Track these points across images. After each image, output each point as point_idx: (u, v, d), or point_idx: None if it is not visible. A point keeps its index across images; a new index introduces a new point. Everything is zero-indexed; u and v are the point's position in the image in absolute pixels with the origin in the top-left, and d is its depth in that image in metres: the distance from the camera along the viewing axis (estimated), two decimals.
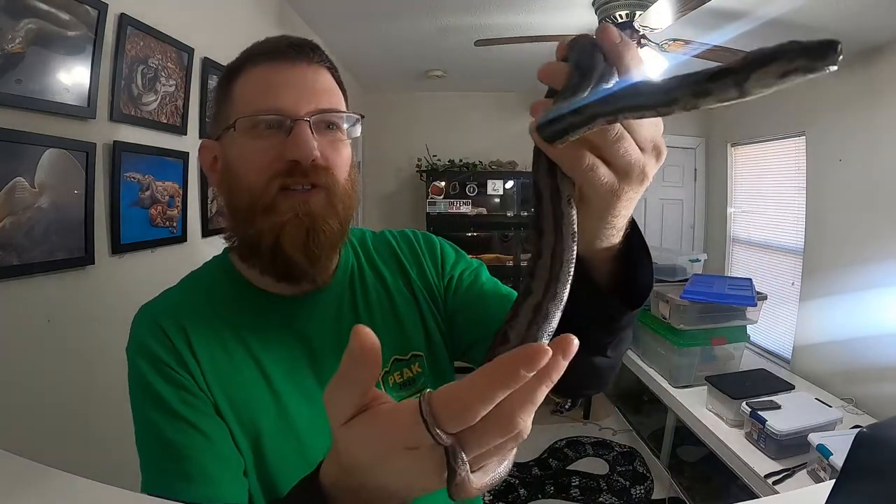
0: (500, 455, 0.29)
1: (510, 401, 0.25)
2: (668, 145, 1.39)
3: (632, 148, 0.34)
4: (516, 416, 0.26)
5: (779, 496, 0.81)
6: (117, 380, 1.09)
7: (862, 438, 0.49)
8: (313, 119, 0.54)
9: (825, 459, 1.56)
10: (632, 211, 0.40)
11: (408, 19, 2.19)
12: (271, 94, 0.54)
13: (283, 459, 0.55)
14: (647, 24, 1.78)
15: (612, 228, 0.40)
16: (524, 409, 0.26)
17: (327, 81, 0.58)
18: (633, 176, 0.35)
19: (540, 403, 0.26)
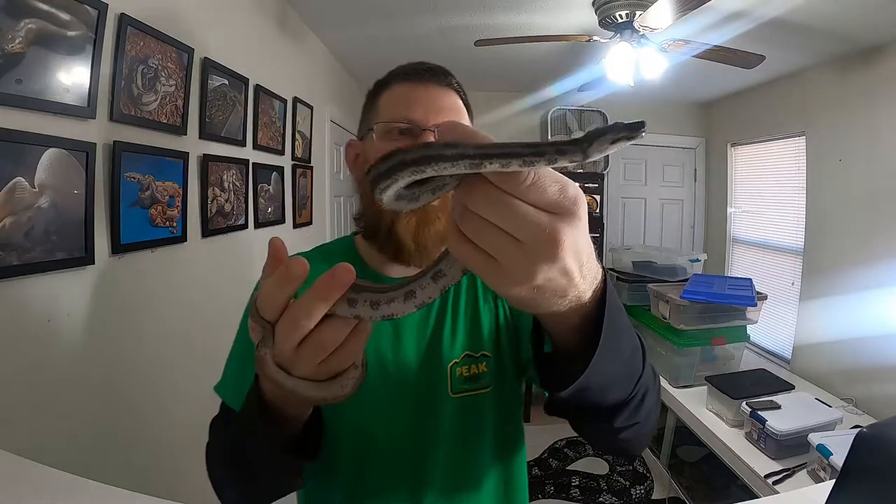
0: (308, 354, 0.36)
1: (297, 305, 0.34)
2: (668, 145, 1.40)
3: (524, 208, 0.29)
4: (300, 318, 0.34)
5: (779, 496, 0.81)
6: (117, 379, 1.09)
7: (862, 438, 0.49)
8: (437, 130, 0.65)
9: (825, 459, 1.56)
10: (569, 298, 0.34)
11: (408, 19, 2.19)
12: (406, 107, 0.67)
13: (341, 414, 0.62)
14: (646, 24, 1.78)
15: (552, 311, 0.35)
16: (307, 312, 0.34)
17: (453, 101, 0.70)
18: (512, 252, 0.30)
19: (316, 317, 0.34)
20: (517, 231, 0.29)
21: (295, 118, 2.14)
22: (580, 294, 0.34)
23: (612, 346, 0.38)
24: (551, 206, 0.29)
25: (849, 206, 2.45)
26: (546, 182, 0.28)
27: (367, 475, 0.65)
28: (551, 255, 0.29)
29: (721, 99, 3.63)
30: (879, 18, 1.95)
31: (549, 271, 0.30)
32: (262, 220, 1.82)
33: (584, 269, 0.32)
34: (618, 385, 0.43)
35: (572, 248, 0.30)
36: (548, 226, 0.29)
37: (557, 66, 2.78)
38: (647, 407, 0.49)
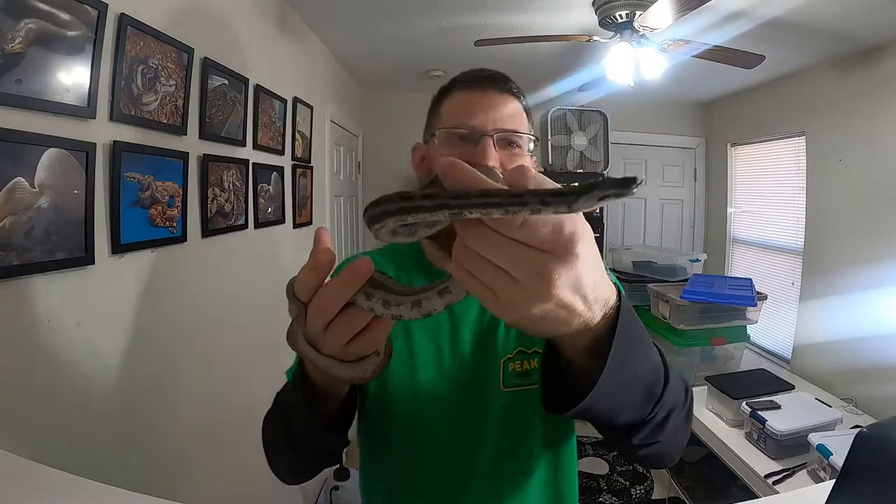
0: (333, 335, 0.39)
1: (324, 290, 0.38)
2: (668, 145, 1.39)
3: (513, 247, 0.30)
4: (325, 302, 0.38)
5: (779, 496, 0.81)
6: (117, 380, 1.09)
7: (862, 438, 0.49)
8: (496, 136, 0.68)
9: (825, 459, 1.56)
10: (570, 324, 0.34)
11: (408, 19, 2.19)
12: (466, 113, 0.70)
13: (398, 399, 0.68)
14: (646, 24, 1.78)
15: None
16: (330, 298, 0.38)
17: (513, 107, 0.72)
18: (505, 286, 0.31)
19: (338, 303, 0.38)
20: (510, 269, 0.29)
21: (295, 118, 2.14)
22: (587, 321, 0.34)
23: (622, 371, 0.38)
24: (544, 245, 0.29)
25: (849, 206, 2.45)
26: (537, 223, 0.28)
27: (418, 460, 0.69)
28: (545, 293, 0.30)
29: (721, 99, 3.63)
30: (879, 18, 1.95)
31: (544, 306, 0.31)
32: (262, 220, 1.82)
33: (589, 299, 0.33)
34: (629, 407, 0.43)
35: (569, 284, 0.30)
36: (540, 265, 0.29)
37: (557, 66, 2.78)
38: (672, 427, 0.48)
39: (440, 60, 2.88)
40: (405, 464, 0.70)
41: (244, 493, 1.67)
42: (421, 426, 0.69)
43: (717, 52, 1.96)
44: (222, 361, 1.53)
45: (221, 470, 1.51)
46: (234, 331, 1.60)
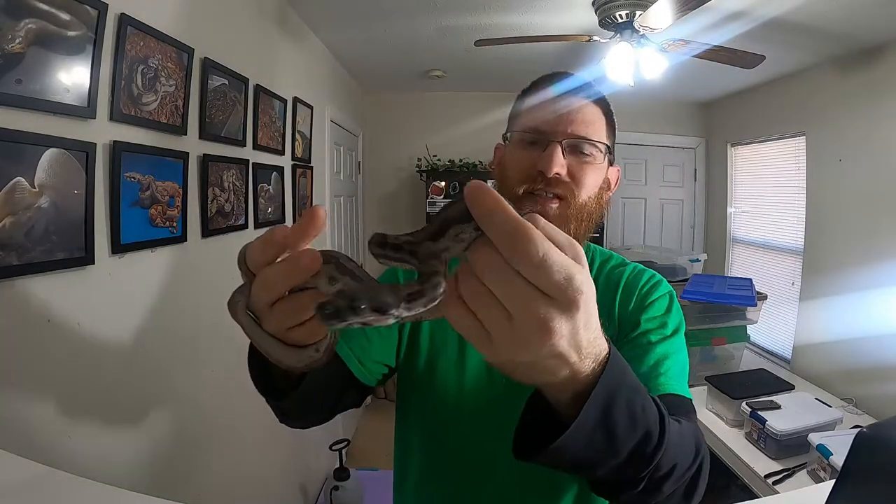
0: (276, 316, 0.38)
1: (271, 270, 0.36)
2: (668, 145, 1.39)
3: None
4: (271, 282, 0.36)
5: (779, 496, 0.82)
6: (117, 379, 1.09)
7: (862, 438, 0.49)
8: (566, 142, 0.67)
9: (825, 459, 1.56)
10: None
11: (407, 19, 2.19)
12: (538, 116, 0.69)
13: (439, 391, 0.71)
14: (646, 24, 1.78)
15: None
16: (272, 280, 0.36)
17: (589, 113, 0.70)
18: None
19: (280, 289, 0.36)
20: (512, 307, 0.28)
21: (295, 118, 2.14)
22: (575, 372, 0.33)
23: (601, 423, 0.36)
24: (552, 291, 0.27)
25: (849, 206, 2.45)
26: (554, 265, 0.27)
27: (454, 451, 0.71)
28: (540, 342, 0.29)
29: (721, 99, 3.63)
30: (879, 18, 1.95)
31: (536, 354, 0.29)
32: (262, 220, 1.82)
33: (583, 352, 0.32)
34: (608, 464, 0.40)
35: (567, 336, 0.29)
36: (543, 313, 0.28)
37: (557, 66, 2.76)
38: (667, 492, 0.45)
39: (440, 60, 2.88)
40: (442, 460, 0.71)
41: (244, 493, 1.67)
42: (463, 422, 0.71)
43: (717, 52, 1.96)
44: (222, 361, 1.53)
45: (222, 470, 1.51)
46: (234, 330, 1.59)
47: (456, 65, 2.92)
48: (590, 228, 0.71)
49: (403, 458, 0.78)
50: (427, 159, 3.60)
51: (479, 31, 2.25)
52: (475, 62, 2.74)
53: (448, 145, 3.63)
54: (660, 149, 3.92)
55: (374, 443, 2.95)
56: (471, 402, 0.70)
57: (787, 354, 2.85)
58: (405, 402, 0.78)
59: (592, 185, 0.70)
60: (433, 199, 3.50)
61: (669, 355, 0.66)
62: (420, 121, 3.80)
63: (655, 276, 0.77)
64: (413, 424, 0.76)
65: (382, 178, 3.87)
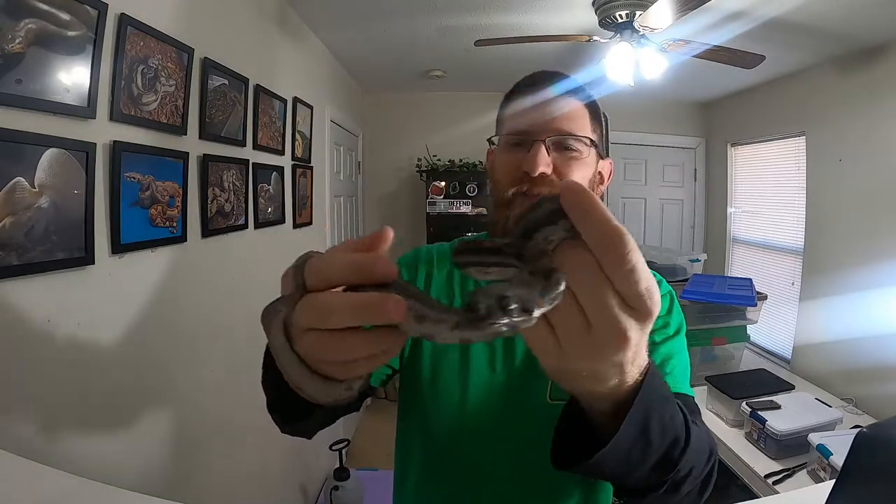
0: (316, 344, 0.31)
1: (334, 299, 0.30)
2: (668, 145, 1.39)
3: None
4: (326, 313, 0.30)
5: (779, 496, 0.82)
6: (116, 379, 1.09)
7: (862, 438, 0.49)
8: (549, 140, 0.67)
9: (825, 459, 1.56)
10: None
11: (407, 19, 2.19)
12: (521, 118, 0.70)
13: (446, 396, 0.70)
14: (646, 24, 1.78)
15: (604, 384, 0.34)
16: (333, 314, 0.29)
17: (570, 108, 0.70)
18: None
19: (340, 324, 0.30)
20: (594, 314, 0.28)
21: (295, 118, 2.14)
22: (622, 382, 0.33)
23: (639, 436, 0.38)
24: (635, 300, 0.28)
25: (849, 206, 2.45)
26: (642, 275, 0.27)
27: (456, 458, 0.70)
28: (613, 351, 0.29)
29: (721, 99, 3.63)
30: (879, 18, 1.95)
31: (603, 362, 0.30)
32: (262, 220, 1.82)
33: (636, 363, 0.32)
34: (641, 471, 0.41)
35: (635, 347, 0.29)
36: (625, 321, 0.28)
37: (557, 66, 2.76)
38: (684, 492, 0.47)
39: (440, 60, 2.88)
40: (442, 461, 0.71)
41: (244, 493, 1.67)
42: (465, 426, 0.70)
43: (717, 52, 1.96)
44: (222, 361, 1.53)
45: (222, 469, 1.51)
46: (234, 330, 1.60)
47: (456, 65, 2.92)
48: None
49: (404, 459, 0.78)
50: (427, 159, 3.60)
51: (479, 31, 2.25)
52: (475, 62, 2.74)
53: (448, 145, 3.63)
54: (660, 149, 3.92)
55: (374, 443, 2.95)
56: (472, 405, 0.70)
57: (787, 354, 2.85)
58: (407, 403, 0.78)
59: (581, 181, 0.69)
60: (433, 198, 3.50)
61: (673, 355, 0.67)
62: (420, 121, 3.80)
63: (655, 276, 0.77)
64: (414, 426, 0.76)
65: (382, 178, 3.87)
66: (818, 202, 2.68)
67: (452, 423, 0.71)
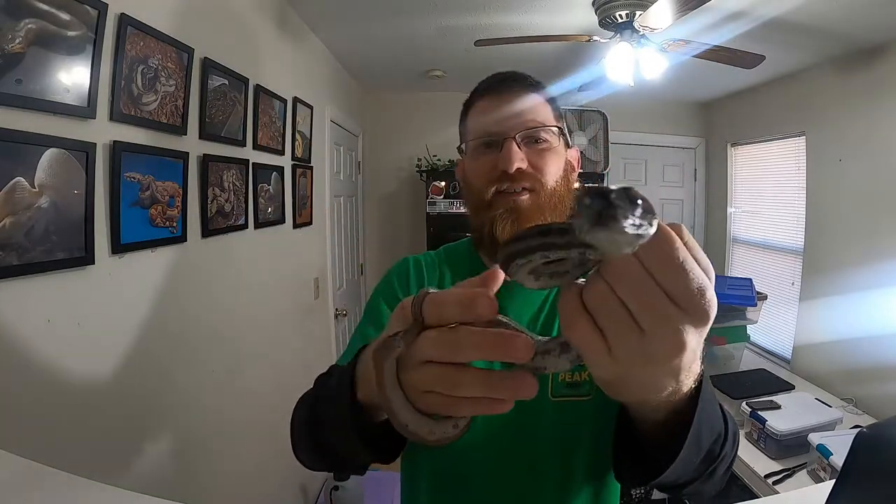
0: (427, 379, 0.32)
1: (463, 335, 0.30)
2: (668, 145, 1.40)
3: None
4: (452, 348, 0.30)
5: (779, 496, 0.81)
6: (117, 379, 1.09)
7: (862, 438, 0.49)
8: (519, 135, 0.68)
9: (825, 459, 1.56)
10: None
11: (407, 19, 2.19)
12: (486, 120, 0.71)
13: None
14: (646, 24, 1.78)
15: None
16: (459, 349, 0.30)
17: (531, 102, 0.71)
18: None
19: (462, 359, 0.31)
20: (645, 318, 0.26)
21: (295, 118, 2.14)
22: (677, 391, 0.32)
23: (695, 445, 0.38)
24: (686, 300, 0.26)
25: (849, 206, 2.45)
26: (693, 275, 0.26)
27: (462, 460, 0.69)
28: (668, 357, 0.27)
29: (721, 99, 3.63)
30: (879, 18, 1.95)
31: (658, 369, 0.29)
32: (262, 220, 1.82)
33: (692, 369, 0.31)
34: (689, 474, 0.43)
35: (691, 353, 0.28)
36: (678, 323, 0.26)
37: (557, 66, 2.78)
38: (720, 475, 0.48)
39: (440, 60, 2.88)
40: (449, 464, 0.70)
41: (244, 493, 1.67)
42: (471, 431, 0.69)
43: (717, 52, 1.96)
44: (222, 361, 1.53)
45: (222, 469, 1.51)
46: (234, 330, 1.60)
47: (456, 65, 2.92)
48: (563, 213, 0.72)
49: (412, 471, 0.76)
50: (427, 159, 3.60)
51: (479, 31, 2.25)
52: (475, 62, 2.74)
53: (448, 145, 3.62)
54: (660, 149, 3.91)
55: None
56: (478, 424, 0.70)
57: (787, 354, 2.84)
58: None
59: (556, 171, 0.71)
60: (433, 198, 3.50)
61: None
62: (420, 121, 3.80)
63: None
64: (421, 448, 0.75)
65: (382, 178, 3.87)
66: (818, 202, 2.67)
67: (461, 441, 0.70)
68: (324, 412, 0.50)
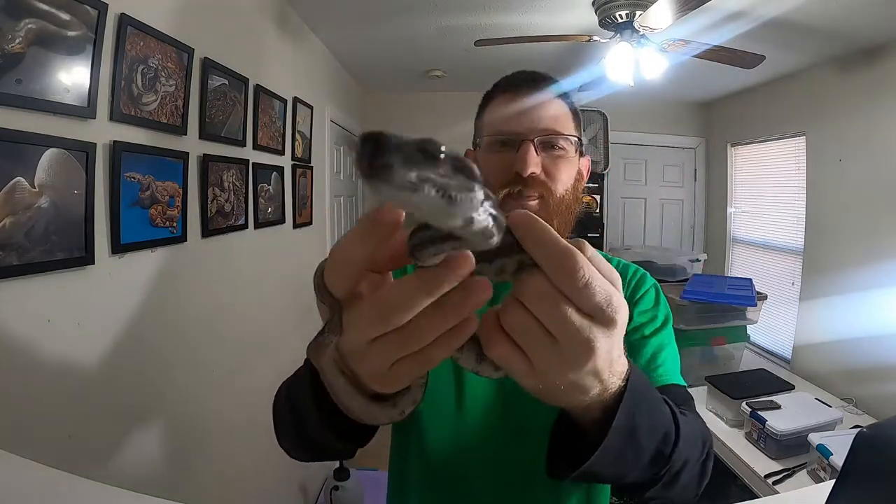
0: (380, 352, 0.30)
1: (397, 288, 0.29)
2: (668, 145, 1.40)
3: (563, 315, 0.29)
4: (395, 307, 0.28)
5: (779, 496, 0.81)
6: (117, 379, 1.09)
7: (862, 438, 0.49)
8: (537, 140, 0.68)
9: (825, 459, 1.56)
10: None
11: (407, 19, 2.19)
12: (506, 118, 0.70)
13: (443, 407, 0.69)
14: (646, 24, 1.78)
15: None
16: (405, 302, 0.28)
17: (555, 108, 0.70)
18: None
19: (415, 309, 0.29)
20: (557, 330, 0.29)
21: (295, 118, 2.14)
22: (604, 390, 0.34)
23: (628, 438, 0.39)
24: (595, 311, 0.29)
25: (849, 206, 2.45)
26: (597, 287, 0.29)
27: (455, 465, 0.69)
28: (583, 362, 0.30)
29: (721, 99, 3.63)
30: (879, 18, 1.95)
31: (576, 373, 0.31)
32: (262, 220, 1.82)
33: (614, 370, 0.34)
34: (634, 470, 0.43)
35: (605, 354, 0.31)
36: (587, 332, 0.29)
37: (557, 66, 2.77)
38: (685, 480, 0.48)
39: (440, 60, 2.88)
40: (441, 465, 0.70)
41: (244, 493, 1.67)
42: (462, 433, 0.69)
43: (717, 52, 1.96)
44: (222, 361, 1.53)
45: (222, 469, 1.51)
46: (234, 330, 1.60)
47: (456, 65, 2.92)
48: (570, 220, 0.72)
49: (400, 471, 0.76)
50: None
51: (479, 31, 2.25)
52: (475, 62, 2.74)
53: (448, 145, 3.62)
54: (660, 149, 3.92)
55: (374, 443, 2.92)
56: (469, 411, 0.69)
57: (787, 354, 2.85)
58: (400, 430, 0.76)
59: (567, 179, 0.71)
60: None
61: (664, 347, 0.68)
62: (420, 121, 3.80)
63: (640, 270, 0.78)
64: (410, 438, 0.74)
65: None
66: (818, 202, 2.68)
67: (450, 431, 0.70)
68: (295, 396, 0.50)
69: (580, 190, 0.75)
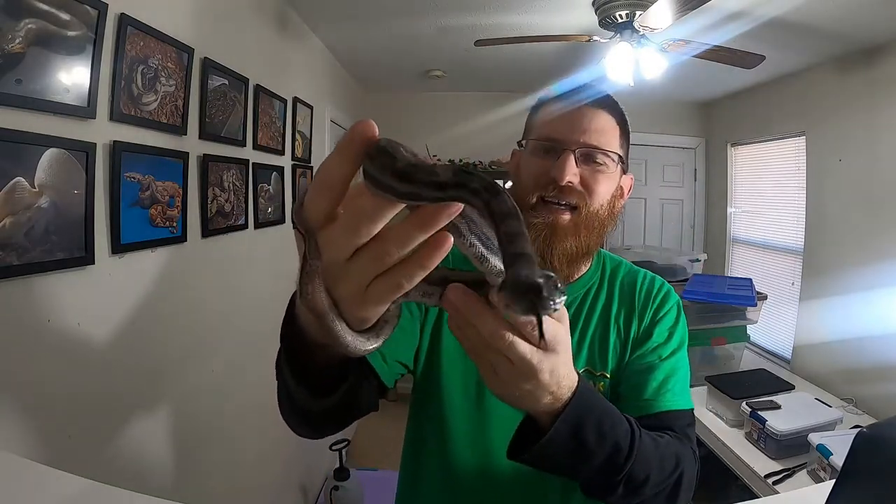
0: (359, 268, 0.32)
1: (365, 198, 0.31)
2: (668, 145, 1.40)
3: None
4: (364, 213, 0.31)
5: (779, 496, 0.81)
6: (117, 379, 1.09)
7: (862, 438, 0.49)
8: (578, 151, 0.68)
9: (825, 459, 1.56)
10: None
11: (408, 19, 2.19)
12: (553, 126, 0.71)
13: (464, 404, 0.72)
14: (646, 24, 1.78)
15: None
16: (374, 206, 0.31)
17: (603, 123, 0.71)
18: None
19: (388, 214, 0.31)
20: (510, 355, 0.36)
21: (295, 118, 2.14)
22: (555, 399, 0.42)
23: (572, 436, 0.45)
24: (534, 341, 0.36)
25: (849, 206, 2.45)
26: (518, 349, 0.35)
27: (471, 465, 0.71)
28: (531, 378, 0.38)
29: (721, 99, 3.63)
30: (879, 18, 1.95)
31: (527, 385, 0.38)
32: (262, 220, 1.82)
33: (562, 384, 0.41)
34: (585, 469, 0.49)
35: (549, 371, 0.38)
36: (531, 357, 0.36)
37: (557, 66, 2.78)
38: (647, 496, 0.53)
39: (440, 60, 2.88)
40: (462, 467, 0.71)
41: (244, 493, 1.67)
42: (483, 430, 0.70)
43: (717, 52, 1.96)
44: (222, 361, 1.53)
45: (222, 469, 1.51)
46: (234, 330, 1.60)
47: (456, 65, 2.92)
48: (601, 236, 0.73)
49: (415, 465, 0.77)
50: None
51: (479, 31, 2.25)
52: (475, 62, 2.74)
53: (448, 145, 3.63)
54: (660, 149, 3.91)
55: (374, 443, 2.94)
56: (489, 409, 0.70)
57: (787, 354, 2.85)
58: (420, 411, 0.77)
59: (604, 194, 0.71)
60: None
61: (676, 371, 0.70)
62: (420, 121, 3.80)
63: (665, 285, 0.79)
64: (429, 434, 0.75)
65: None
66: (818, 202, 2.67)
67: (471, 427, 0.71)
68: (278, 360, 0.51)
69: (617, 207, 0.75)
